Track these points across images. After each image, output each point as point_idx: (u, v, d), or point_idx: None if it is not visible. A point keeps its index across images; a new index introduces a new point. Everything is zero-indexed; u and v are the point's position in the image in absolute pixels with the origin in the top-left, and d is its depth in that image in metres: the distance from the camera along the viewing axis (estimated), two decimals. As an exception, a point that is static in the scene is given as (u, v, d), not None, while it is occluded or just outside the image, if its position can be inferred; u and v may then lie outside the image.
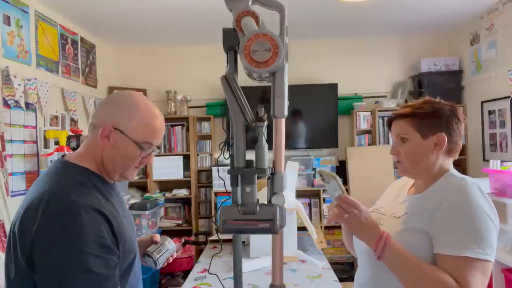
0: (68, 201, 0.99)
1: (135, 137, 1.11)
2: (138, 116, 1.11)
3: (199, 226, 4.53)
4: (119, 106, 1.13)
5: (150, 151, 1.15)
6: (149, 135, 1.13)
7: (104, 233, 1.01)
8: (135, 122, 1.11)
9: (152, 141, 1.14)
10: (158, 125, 1.15)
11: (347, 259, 4.36)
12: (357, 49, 4.68)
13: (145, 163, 1.18)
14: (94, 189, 1.08)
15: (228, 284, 1.47)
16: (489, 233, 1.13)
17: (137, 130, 1.11)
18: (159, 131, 1.15)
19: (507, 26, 3.56)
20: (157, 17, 3.80)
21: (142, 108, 1.13)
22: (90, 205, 1.01)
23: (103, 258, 0.99)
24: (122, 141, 1.11)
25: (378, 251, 1.16)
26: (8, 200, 2.64)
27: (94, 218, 1.00)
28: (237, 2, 1.03)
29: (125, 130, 1.10)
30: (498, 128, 3.74)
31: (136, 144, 1.11)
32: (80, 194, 1.03)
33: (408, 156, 1.27)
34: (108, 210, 1.06)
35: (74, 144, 3.22)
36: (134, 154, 1.12)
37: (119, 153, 1.12)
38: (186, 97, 4.51)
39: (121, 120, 1.11)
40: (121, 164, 1.14)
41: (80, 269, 0.95)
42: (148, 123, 1.12)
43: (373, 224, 1.20)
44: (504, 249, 2.81)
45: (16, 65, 2.94)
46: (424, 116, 1.25)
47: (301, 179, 4.40)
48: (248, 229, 0.96)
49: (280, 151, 1.00)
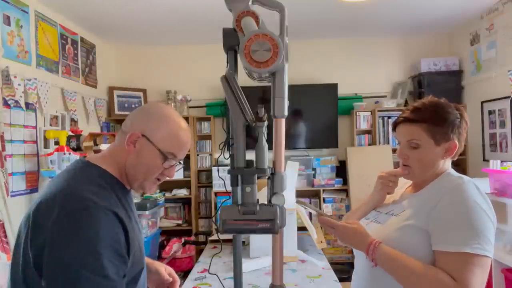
0: (87, 201, 0.98)
1: (161, 146, 1.11)
2: (167, 127, 1.12)
3: (199, 226, 4.53)
4: (150, 115, 1.14)
5: (173, 163, 1.15)
6: (175, 146, 1.13)
7: (120, 239, 1.00)
8: (163, 132, 1.11)
9: (177, 153, 1.13)
10: (185, 138, 1.15)
11: (347, 259, 4.36)
12: (357, 49, 4.68)
13: (166, 175, 1.16)
14: (112, 192, 1.07)
15: (228, 284, 1.47)
16: (486, 229, 1.14)
17: (164, 140, 1.11)
18: (185, 144, 1.15)
19: (507, 26, 3.56)
20: (157, 17, 3.80)
21: (172, 120, 1.13)
22: (109, 207, 1.00)
23: (115, 264, 0.97)
24: (148, 148, 1.11)
25: (370, 258, 1.20)
26: (8, 200, 2.64)
27: (112, 221, 0.99)
28: (237, 2, 1.03)
29: (152, 138, 1.11)
30: (498, 128, 3.74)
31: (160, 153, 1.11)
32: (99, 195, 1.01)
33: (419, 162, 1.27)
34: (123, 216, 1.04)
35: (74, 144, 3.22)
36: (157, 163, 1.12)
37: (142, 160, 1.11)
38: (186, 97, 4.51)
39: (149, 128, 1.11)
40: (142, 172, 1.13)
41: (94, 271, 0.93)
42: (175, 135, 1.13)
43: (357, 236, 1.23)
44: (504, 249, 2.81)
45: (16, 65, 2.94)
46: (439, 123, 1.24)
47: (301, 179, 4.40)
48: (248, 229, 0.96)
49: (280, 151, 1.00)
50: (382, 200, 1.42)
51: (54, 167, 3.07)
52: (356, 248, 1.27)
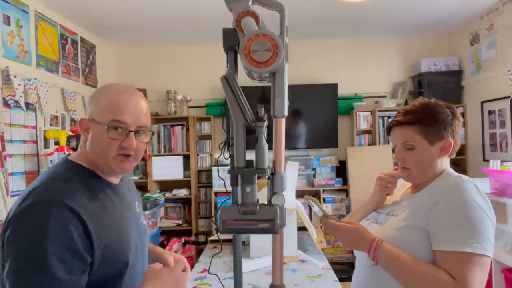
0: (40, 196, 0.96)
1: (102, 120, 1.05)
2: (104, 98, 1.08)
3: (199, 226, 4.53)
4: (93, 98, 1.12)
5: (124, 136, 1.06)
6: (114, 111, 1.05)
7: (73, 234, 0.94)
8: (101, 105, 1.07)
9: (118, 117, 1.05)
10: (126, 100, 1.07)
11: (347, 259, 4.36)
12: (357, 49, 4.68)
13: (126, 146, 1.07)
14: (81, 185, 1.03)
15: (228, 284, 1.47)
16: (486, 228, 1.14)
17: (103, 111, 1.06)
18: (126, 105, 1.06)
19: (507, 26, 3.56)
20: (157, 17, 3.80)
21: (109, 90, 1.10)
22: (64, 201, 0.95)
23: (65, 261, 0.92)
24: (96, 128, 1.07)
25: (371, 257, 1.20)
26: (8, 200, 2.64)
27: (64, 216, 0.94)
28: (237, 2, 1.03)
29: (95, 117, 1.07)
30: (498, 128, 3.74)
31: (104, 126, 1.05)
32: (57, 190, 0.98)
33: (416, 164, 1.28)
34: (90, 209, 1.00)
35: (74, 144, 3.22)
36: (104, 137, 1.05)
37: (94, 142, 1.07)
38: (186, 97, 4.51)
39: (93, 110, 1.08)
40: (99, 153, 1.07)
41: (38, 271, 0.90)
42: (111, 100, 1.07)
43: (359, 235, 1.24)
44: (504, 249, 2.81)
45: (16, 65, 2.94)
46: (431, 123, 1.26)
47: (301, 179, 4.40)
48: (248, 229, 0.96)
49: (280, 151, 1.00)
50: (382, 201, 1.42)
51: (54, 167, 3.06)
52: (357, 248, 1.27)
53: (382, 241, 1.20)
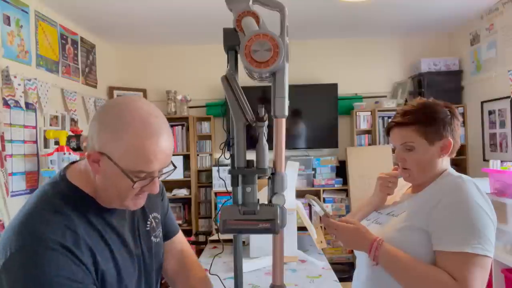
0: (32, 236, 0.85)
1: (123, 166, 0.88)
2: (126, 140, 0.87)
3: (199, 226, 4.53)
4: (106, 126, 0.90)
5: (146, 183, 0.93)
6: (141, 162, 0.89)
7: (73, 270, 0.86)
8: (122, 147, 0.88)
9: (147, 169, 0.90)
10: (154, 148, 0.89)
11: (347, 259, 4.36)
12: (357, 49, 4.68)
13: (148, 191, 0.96)
14: (76, 215, 0.92)
15: (228, 284, 1.46)
16: (487, 229, 1.14)
17: (125, 157, 0.88)
18: (156, 154, 0.89)
19: (507, 26, 3.56)
20: (157, 17, 3.80)
21: (131, 128, 0.88)
22: (57, 239, 0.85)
23: None
24: (112, 168, 0.89)
25: (372, 257, 1.20)
26: (8, 200, 2.65)
27: (58, 256, 0.84)
28: (238, 2, 1.03)
29: (112, 156, 0.88)
30: (498, 128, 3.74)
31: (125, 174, 0.89)
32: (48, 224, 0.87)
33: (417, 164, 1.28)
34: (91, 243, 0.91)
35: (74, 144, 3.22)
36: (127, 184, 0.90)
37: (110, 183, 0.92)
38: (186, 97, 4.51)
39: (107, 143, 0.89)
40: (115, 195, 0.94)
41: None
42: (139, 148, 0.88)
43: (360, 235, 1.23)
44: (504, 249, 2.81)
45: (16, 65, 2.94)
46: (430, 123, 1.25)
47: (301, 179, 4.40)
48: (248, 229, 0.96)
49: (281, 151, 1.00)
50: (383, 201, 1.42)
51: (54, 167, 3.07)
52: (358, 248, 1.27)
53: (383, 241, 1.20)
